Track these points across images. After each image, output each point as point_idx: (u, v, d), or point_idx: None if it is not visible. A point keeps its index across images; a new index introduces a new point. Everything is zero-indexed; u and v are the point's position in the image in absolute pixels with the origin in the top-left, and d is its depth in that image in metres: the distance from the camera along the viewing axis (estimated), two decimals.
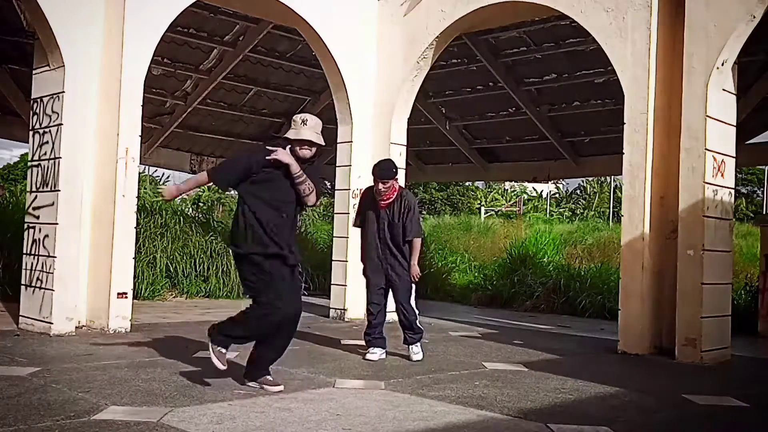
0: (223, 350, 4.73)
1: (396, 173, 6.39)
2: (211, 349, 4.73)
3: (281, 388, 4.83)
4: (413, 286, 6.61)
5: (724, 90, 7.16)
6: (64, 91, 7.25)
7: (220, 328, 4.81)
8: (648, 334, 7.26)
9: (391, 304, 6.63)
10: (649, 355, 7.19)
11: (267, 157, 4.66)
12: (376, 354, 6.41)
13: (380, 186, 6.27)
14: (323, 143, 4.87)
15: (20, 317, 7.44)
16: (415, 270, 6.44)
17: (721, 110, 7.15)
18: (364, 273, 6.61)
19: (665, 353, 7.17)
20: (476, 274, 15.48)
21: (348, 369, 5.88)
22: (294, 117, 4.89)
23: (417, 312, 6.59)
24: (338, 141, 9.77)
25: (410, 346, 6.52)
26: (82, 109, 7.38)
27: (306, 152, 4.78)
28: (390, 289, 6.54)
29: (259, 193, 4.75)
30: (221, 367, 4.70)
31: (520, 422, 4.30)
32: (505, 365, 6.36)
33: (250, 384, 4.90)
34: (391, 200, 6.37)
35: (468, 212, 36.15)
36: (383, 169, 6.31)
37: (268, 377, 4.91)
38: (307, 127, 4.77)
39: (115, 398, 4.41)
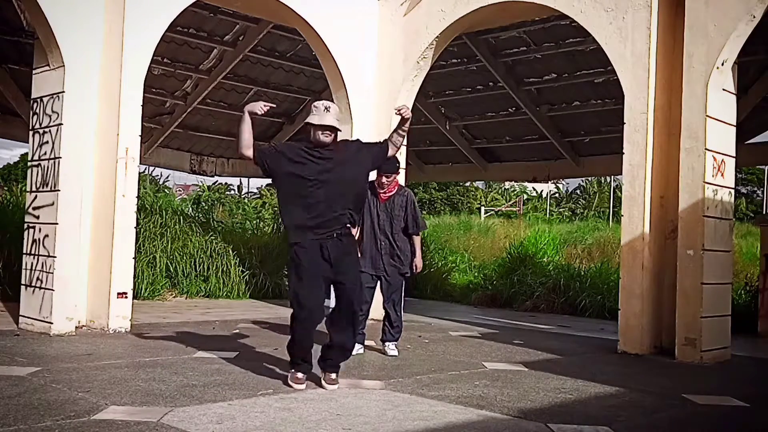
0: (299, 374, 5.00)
1: (399, 168, 6.53)
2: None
3: (334, 387, 4.97)
4: (403, 284, 6.62)
5: (724, 90, 7.16)
6: (64, 91, 7.24)
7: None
8: (648, 334, 7.26)
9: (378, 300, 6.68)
10: (649, 354, 7.19)
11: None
12: (361, 348, 6.50)
13: (383, 179, 6.39)
14: (341, 129, 5.03)
15: (20, 317, 7.44)
16: (420, 261, 6.53)
17: (721, 110, 7.15)
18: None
19: (665, 353, 7.17)
20: (476, 274, 15.49)
21: (348, 369, 5.86)
22: (315, 103, 4.97)
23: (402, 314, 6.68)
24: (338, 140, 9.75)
25: (388, 343, 6.60)
26: (82, 109, 7.38)
27: (326, 138, 4.89)
28: (381, 286, 6.57)
29: None
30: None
31: (520, 422, 4.30)
32: (505, 365, 6.36)
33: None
34: (392, 194, 6.48)
35: (468, 212, 36.15)
36: (387, 164, 6.36)
37: (330, 375, 5.06)
38: (330, 114, 4.89)
39: (115, 398, 4.41)
